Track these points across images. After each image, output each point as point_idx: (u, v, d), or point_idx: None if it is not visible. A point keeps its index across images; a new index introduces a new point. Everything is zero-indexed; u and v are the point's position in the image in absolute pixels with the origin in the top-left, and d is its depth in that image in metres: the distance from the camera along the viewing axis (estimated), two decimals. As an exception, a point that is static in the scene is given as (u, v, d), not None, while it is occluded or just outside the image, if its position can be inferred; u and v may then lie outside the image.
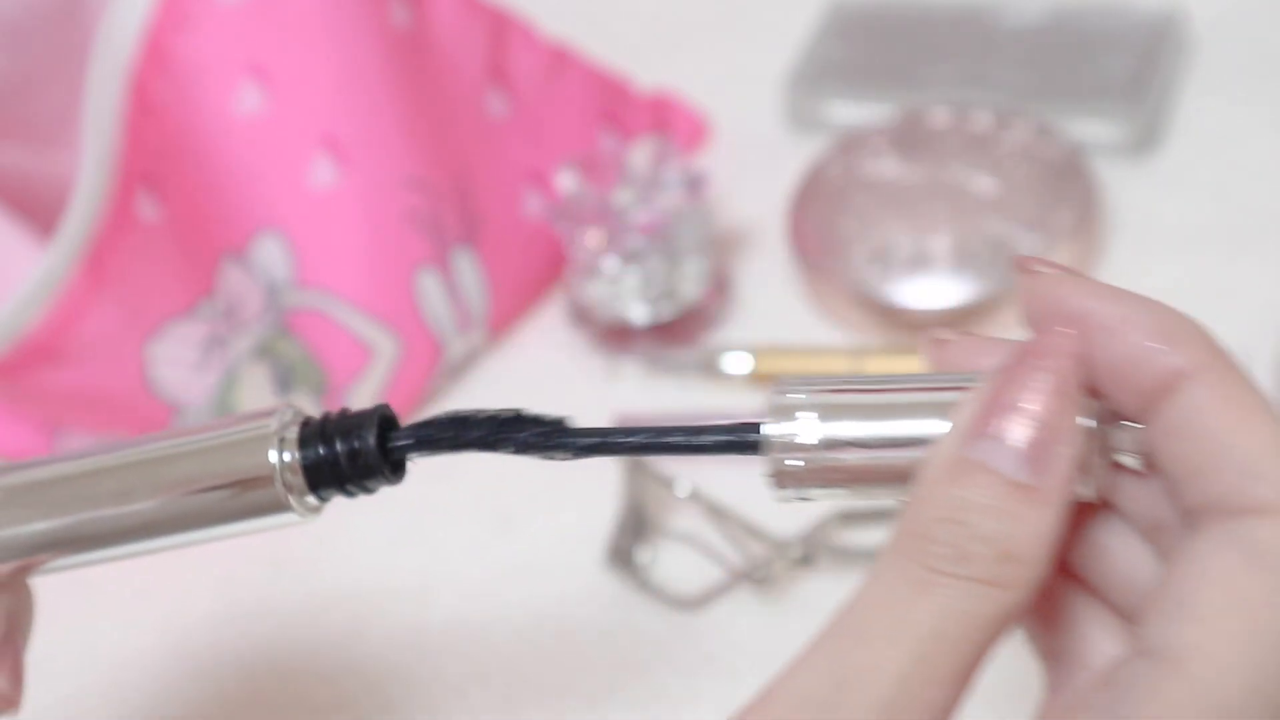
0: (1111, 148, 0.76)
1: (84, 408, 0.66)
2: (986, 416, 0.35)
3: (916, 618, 0.34)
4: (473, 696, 0.61)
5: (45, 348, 0.62)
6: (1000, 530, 0.34)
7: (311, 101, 0.67)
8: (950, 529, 0.34)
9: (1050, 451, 0.35)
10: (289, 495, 0.41)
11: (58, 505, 0.42)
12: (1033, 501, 0.34)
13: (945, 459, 0.35)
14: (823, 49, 0.83)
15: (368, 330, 0.68)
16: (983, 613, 0.34)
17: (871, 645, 0.34)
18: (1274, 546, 0.34)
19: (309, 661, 0.63)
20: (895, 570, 0.35)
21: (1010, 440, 0.35)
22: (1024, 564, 0.34)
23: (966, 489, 0.35)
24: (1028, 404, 0.35)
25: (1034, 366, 0.35)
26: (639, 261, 0.70)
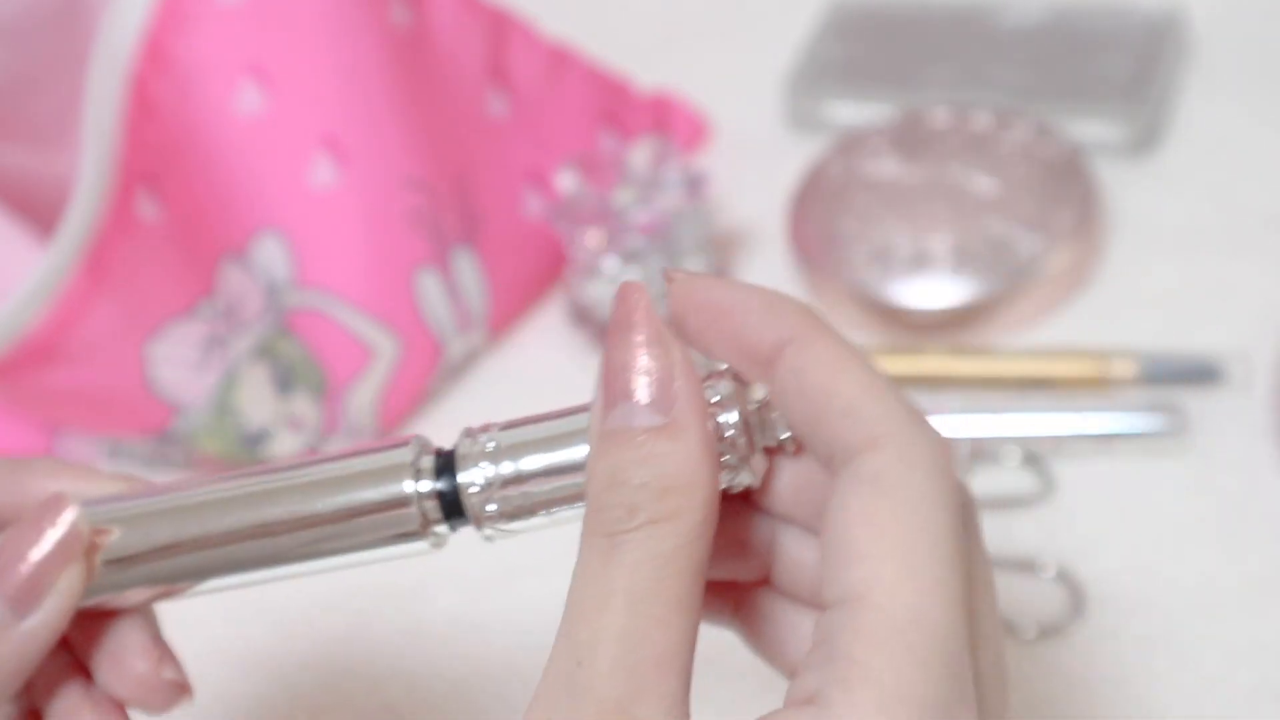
0: (1111, 148, 0.76)
1: (84, 408, 0.66)
2: (609, 387, 0.39)
3: (614, 581, 0.37)
4: (473, 696, 0.61)
5: (45, 348, 0.62)
6: (652, 472, 0.37)
7: (311, 101, 0.67)
8: (615, 492, 0.37)
9: (668, 388, 0.38)
10: (425, 525, 0.42)
11: (191, 534, 0.43)
12: (670, 434, 0.38)
13: (594, 439, 0.39)
14: (823, 49, 0.83)
15: (368, 330, 0.68)
16: (666, 549, 0.37)
17: (588, 619, 0.37)
18: (883, 472, 0.37)
19: (309, 662, 0.63)
20: (586, 546, 0.38)
21: (635, 396, 0.38)
22: (683, 490, 0.37)
23: (614, 454, 0.38)
24: (634, 360, 0.38)
25: (625, 328, 0.39)
26: (639, 261, 0.70)
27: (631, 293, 0.39)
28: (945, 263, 0.70)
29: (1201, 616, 0.58)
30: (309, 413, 0.68)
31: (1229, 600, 0.59)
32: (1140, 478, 0.64)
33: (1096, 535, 0.62)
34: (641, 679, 0.37)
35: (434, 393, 0.73)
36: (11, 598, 0.42)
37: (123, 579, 0.43)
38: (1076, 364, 0.67)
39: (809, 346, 0.38)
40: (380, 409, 0.70)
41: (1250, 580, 0.60)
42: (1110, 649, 0.58)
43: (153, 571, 0.43)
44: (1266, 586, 0.59)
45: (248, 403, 0.67)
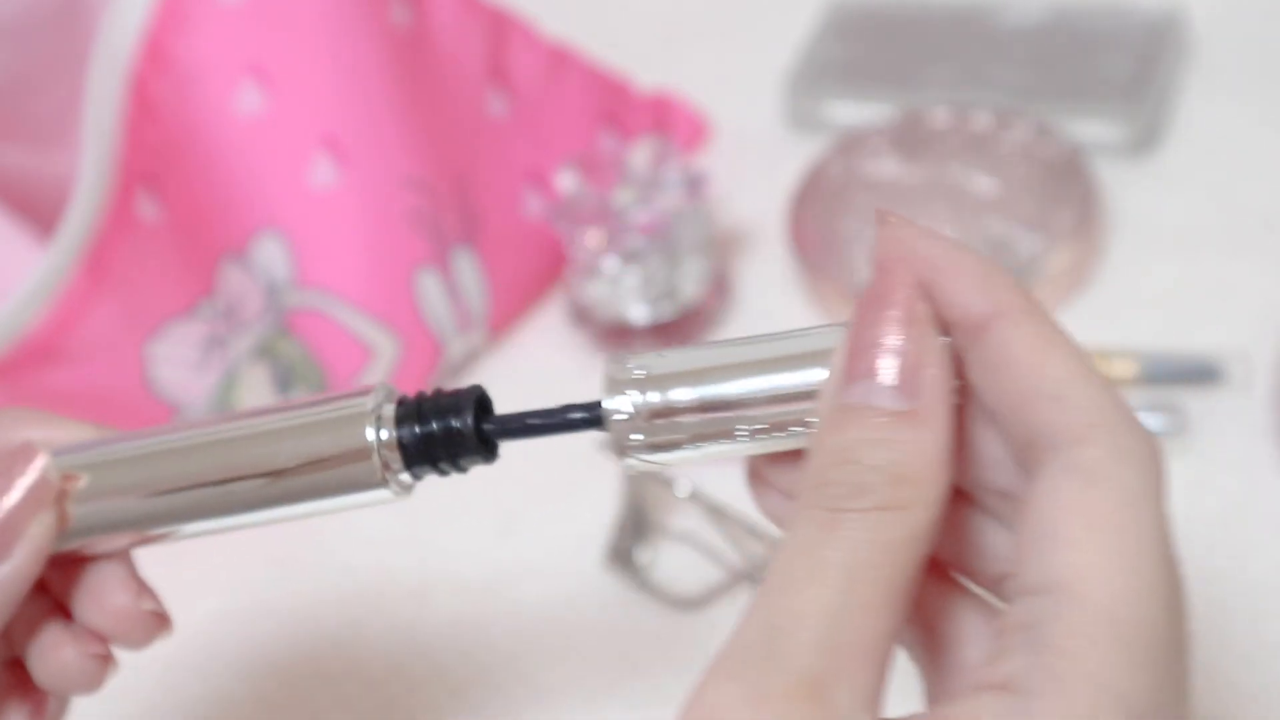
0: (1111, 148, 0.76)
1: (84, 408, 0.66)
2: (854, 361, 0.37)
3: (830, 555, 0.36)
4: (473, 696, 0.61)
5: (45, 348, 0.62)
6: (888, 457, 0.36)
7: (311, 101, 0.67)
8: (844, 469, 0.36)
9: (918, 375, 0.37)
10: (385, 472, 0.42)
11: (158, 479, 0.43)
12: (912, 423, 0.36)
13: (827, 411, 0.37)
14: (823, 49, 0.83)
15: (368, 330, 0.68)
16: (891, 537, 0.36)
17: (795, 590, 0.36)
18: (1097, 464, 0.36)
19: (309, 661, 0.63)
20: (804, 518, 0.36)
21: (879, 376, 0.37)
22: (918, 483, 0.36)
23: (851, 431, 0.37)
24: (886, 339, 0.37)
25: (882, 304, 0.38)
26: (639, 261, 0.70)
27: (894, 265, 0.38)
28: (945, 263, 0.70)
29: (1201, 617, 0.58)
30: (309, 413, 0.68)
31: (1229, 600, 0.59)
32: (1140, 478, 0.64)
33: (1096, 535, 0.62)
34: (843, 661, 0.35)
35: (434, 393, 0.73)
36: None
37: (93, 525, 0.44)
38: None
39: (1021, 323, 0.37)
40: (380, 409, 0.70)
41: (1250, 580, 0.60)
42: (1110, 649, 0.58)
43: (122, 517, 0.44)
44: (1267, 586, 0.59)
45: (248, 403, 0.67)
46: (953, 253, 0.38)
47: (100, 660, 0.45)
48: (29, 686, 0.46)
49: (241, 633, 0.64)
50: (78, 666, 0.45)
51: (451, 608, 0.64)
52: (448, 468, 0.42)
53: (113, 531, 0.44)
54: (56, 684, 0.45)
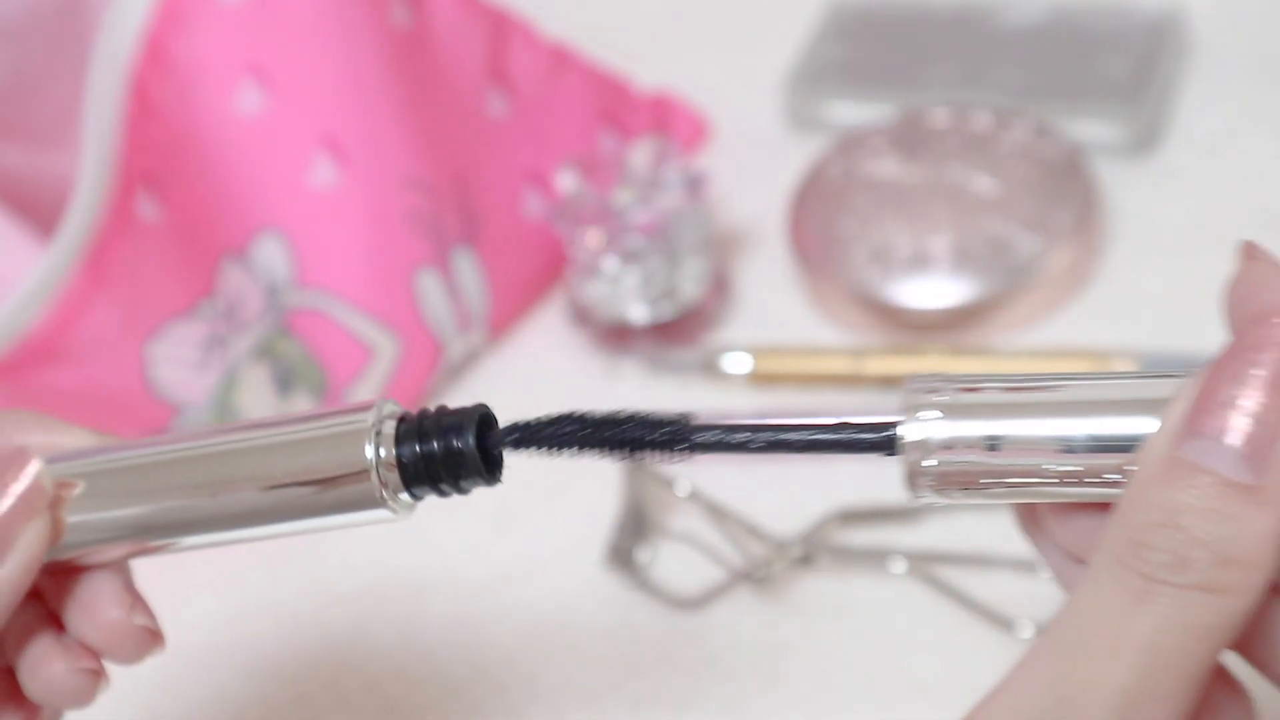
0: (1111, 148, 0.76)
1: (84, 408, 0.66)
2: (1200, 414, 0.34)
3: (1137, 629, 0.33)
4: (473, 696, 0.61)
5: (45, 348, 0.62)
6: (1220, 534, 0.33)
7: (311, 101, 0.67)
8: (1167, 534, 0.33)
9: (1271, 449, 0.33)
10: (384, 492, 0.41)
11: (154, 490, 0.43)
12: (1253, 501, 0.33)
13: (1157, 460, 0.34)
14: (823, 49, 0.83)
15: (368, 330, 0.68)
16: (1204, 622, 0.33)
17: (1092, 658, 0.33)
18: None
19: (309, 661, 0.63)
20: (1112, 579, 0.34)
21: (1227, 439, 0.33)
22: (1246, 568, 0.33)
23: (1182, 491, 0.33)
24: (1244, 399, 0.34)
25: (1249, 360, 0.34)
26: (639, 261, 0.70)
27: (1274, 322, 0.34)
28: (945, 263, 0.70)
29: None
30: (309, 413, 0.68)
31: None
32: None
33: (1096, 535, 0.62)
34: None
35: (434, 393, 0.73)
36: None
37: (88, 534, 0.43)
38: (1076, 364, 0.67)
39: None
40: (380, 409, 0.70)
41: None
42: (1110, 649, 0.58)
43: (117, 527, 0.43)
44: (1266, 586, 0.59)
45: (248, 403, 0.67)
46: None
47: (90, 675, 0.44)
48: (23, 696, 0.45)
49: (241, 632, 0.64)
50: (67, 681, 0.44)
51: (451, 607, 0.64)
52: (448, 489, 0.41)
53: (107, 541, 0.43)
54: (45, 697, 0.44)
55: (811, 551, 0.62)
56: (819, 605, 0.62)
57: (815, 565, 0.62)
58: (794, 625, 0.61)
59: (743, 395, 0.70)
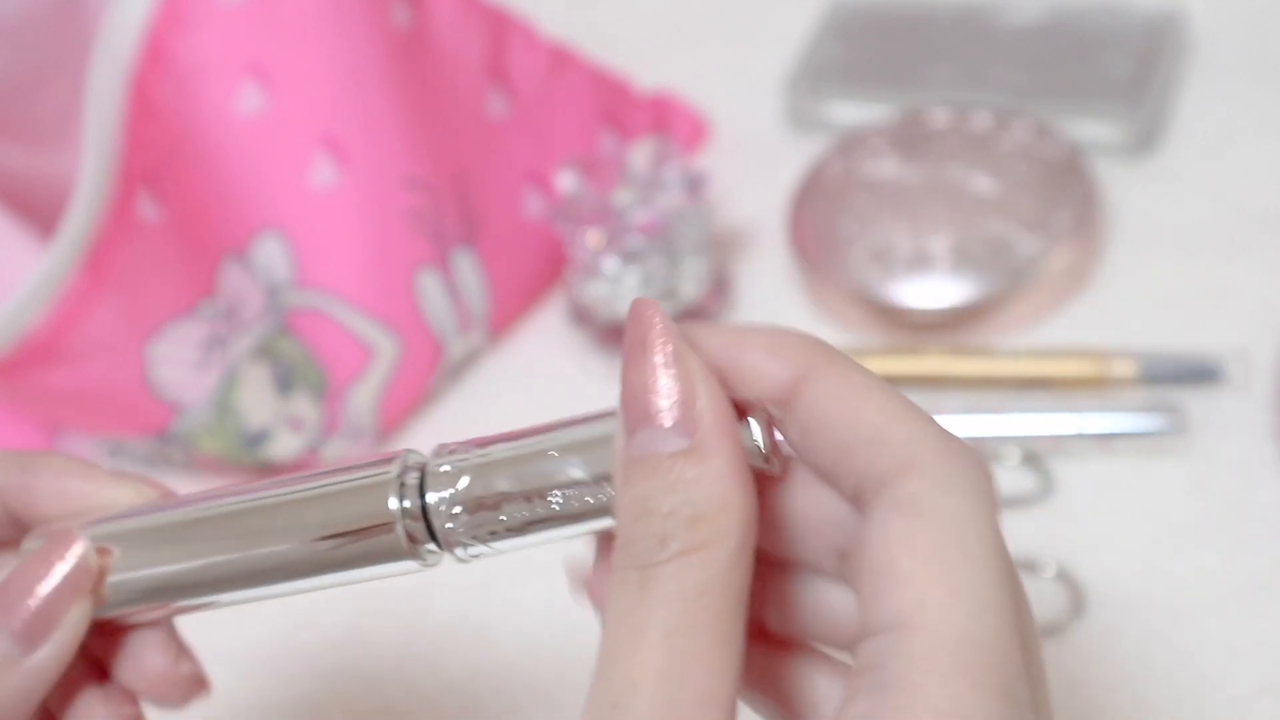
0: (1111, 148, 0.76)
1: (84, 408, 0.66)
2: (628, 412, 0.37)
3: (649, 616, 0.35)
4: (473, 696, 0.61)
5: (45, 348, 0.62)
6: (680, 499, 0.35)
7: (311, 101, 0.67)
8: (643, 523, 0.36)
9: (689, 410, 0.36)
10: (410, 543, 0.41)
11: (184, 550, 0.43)
12: (695, 459, 0.36)
13: (619, 468, 0.37)
14: (823, 49, 0.83)
15: (368, 330, 0.68)
16: (702, 579, 0.35)
17: (624, 658, 0.35)
18: (920, 494, 0.35)
19: (309, 661, 0.63)
20: (619, 583, 0.36)
21: (655, 421, 0.36)
22: (715, 516, 0.35)
23: (640, 482, 0.36)
24: (651, 382, 0.37)
25: (642, 349, 0.37)
26: (639, 261, 0.70)
27: (645, 310, 0.37)
28: (945, 263, 0.70)
29: (1201, 616, 0.58)
30: (309, 413, 0.68)
31: (1229, 600, 0.59)
32: (1140, 478, 0.64)
33: (1096, 535, 0.62)
34: (687, 716, 0.34)
35: (434, 393, 0.73)
36: (19, 632, 0.42)
37: (123, 599, 0.43)
38: (1076, 364, 0.67)
39: (824, 379, 0.37)
40: (380, 409, 0.70)
41: (1250, 580, 0.60)
42: (1110, 649, 0.58)
43: (151, 589, 0.43)
44: (1266, 586, 0.59)
45: (248, 403, 0.67)
46: (735, 337, 0.38)
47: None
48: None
49: (240, 633, 0.64)
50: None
51: (451, 607, 0.64)
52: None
53: (141, 604, 0.44)
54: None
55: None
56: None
57: (815, 565, 0.62)
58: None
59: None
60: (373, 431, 0.70)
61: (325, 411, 0.68)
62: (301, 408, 0.68)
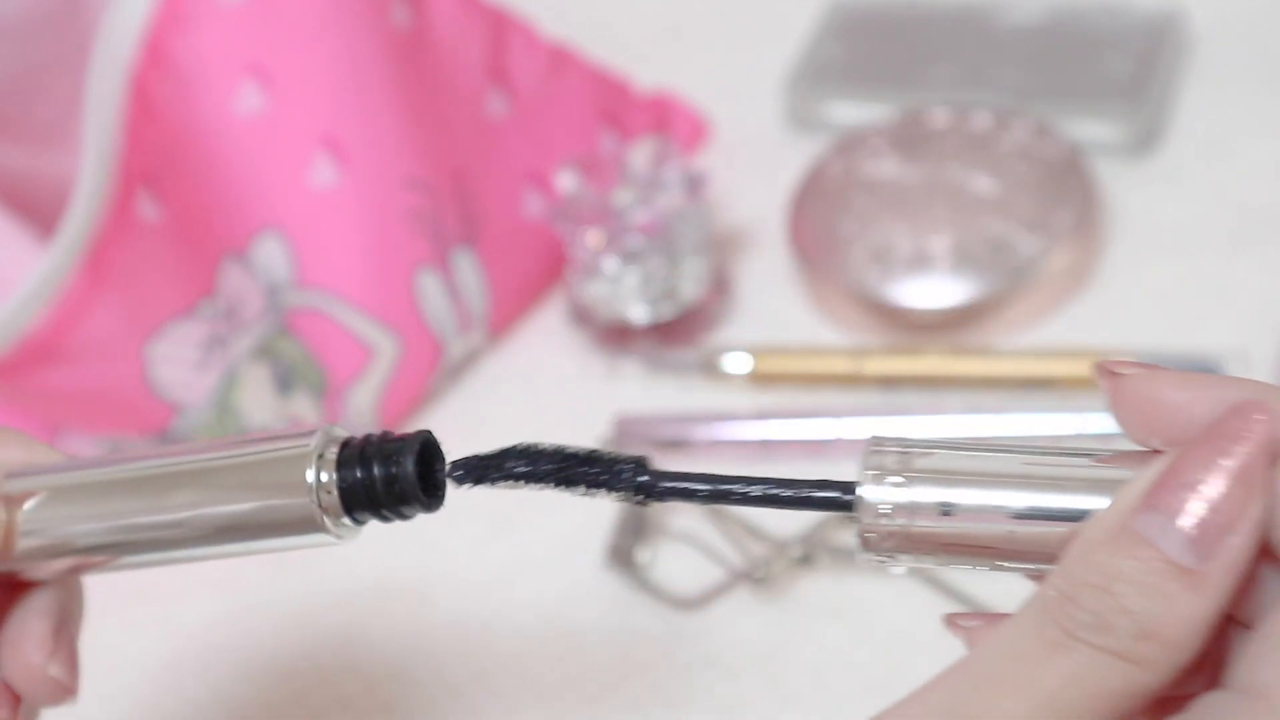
0: (1111, 148, 0.76)
1: (84, 408, 0.66)
2: (1161, 490, 0.34)
3: (1044, 676, 0.34)
4: (473, 696, 0.61)
5: (45, 348, 0.62)
6: (1148, 607, 0.33)
7: (311, 101, 0.67)
8: (1097, 596, 0.34)
9: (1221, 540, 0.34)
10: (324, 516, 0.41)
11: (104, 509, 0.43)
12: (1188, 585, 0.33)
13: (1108, 525, 0.34)
14: (823, 49, 0.83)
15: (368, 330, 0.68)
16: (1111, 686, 0.34)
17: (993, 694, 0.34)
18: None
19: (309, 661, 0.63)
20: (1032, 625, 0.34)
21: (1179, 520, 0.34)
22: (1164, 646, 0.33)
23: (1123, 559, 0.34)
24: (1206, 485, 0.34)
25: (1220, 449, 0.34)
26: (639, 261, 0.70)
27: (1255, 414, 0.34)
28: (945, 263, 0.70)
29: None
30: (309, 413, 0.68)
31: (1229, 600, 0.59)
32: (1140, 478, 0.64)
33: (1096, 535, 0.62)
34: None
35: (434, 392, 0.73)
36: None
37: (35, 546, 0.44)
38: (1076, 364, 0.67)
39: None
40: (380, 409, 0.70)
41: (1250, 580, 0.59)
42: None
43: (62, 543, 0.43)
44: (1266, 586, 0.59)
45: (248, 403, 0.67)
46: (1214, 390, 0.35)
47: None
48: None
49: (241, 632, 0.64)
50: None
51: (451, 607, 0.64)
52: (390, 515, 0.41)
53: (52, 556, 0.44)
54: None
55: (811, 551, 0.62)
56: (819, 605, 0.62)
57: (815, 565, 0.62)
58: (794, 625, 0.61)
59: (743, 395, 0.70)
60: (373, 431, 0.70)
61: (325, 411, 0.68)
62: (301, 408, 0.68)
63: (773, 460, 0.67)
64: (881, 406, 0.68)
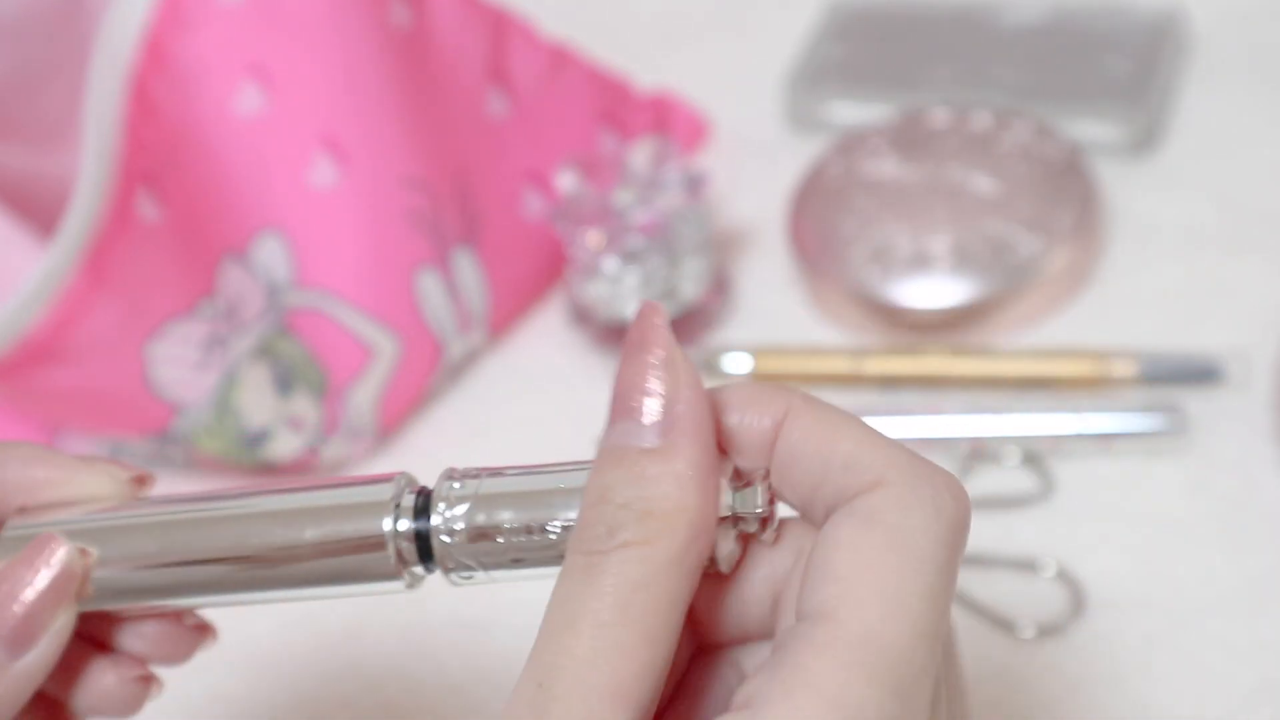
0: (1111, 148, 0.76)
1: (84, 408, 0.66)
2: (616, 405, 0.38)
3: (585, 602, 0.36)
4: (473, 696, 0.61)
5: (45, 348, 0.62)
6: (636, 493, 0.36)
7: (311, 101, 0.67)
8: (599, 510, 0.37)
9: (668, 415, 0.37)
10: (399, 565, 0.41)
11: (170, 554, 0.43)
12: (660, 457, 0.36)
13: (595, 459, 0.37)
14: (823, 49, 0.83)
15: (368, 330, 0.68)
16: (638, 574, 0.36)
17: (555, 639, 0.36)
18: (878, 508, 0.36)
19: (309, 661, 0.63)
20: (567, 565, 0.37)
21: (636, 417, 0.37)
22: (664, 515, 0.36)
23: (606, 472, 0.37)
24: (646, 381, 0.38)
25: (642, 349, 0.38)
26: (639, 261, 0.70)
27: (650, 313, 0.39)
28: (945, 263, 0.70)
29: (1201, 616, 0.58)
30: (309, 413, 0.68)
31: (1229, 600, 0.59)
32: (1140, 478, 0.64)
33: (1096, 535, 0.62)
34: (592, 708, 0.35)
35: (434, 393, 0.73)
36: (6, 639, 0.42)
37: (106, 599, 0.43)
38: (1076, 364, 0.67)
39: (799, 417, 0.38)
40: (380, 409, 0.70)
41: (1250, 580, 0.60)
42: (1110, 649, 0.58)
43: (134, 589, 0.43)
44: (1266, 586, 0.59)
45: (248, 403, 0.67)
46: (716, 396, 0.39)
47: (143, 682, 0.45)
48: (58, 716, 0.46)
49: (241, 632, 0.64)
50: (120, 691, 0.44)
51: (451, 607, 0.64)
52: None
53: (125, 602, 0.44)
54: (98, 709, 0.45)
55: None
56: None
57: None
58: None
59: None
60: (373, 432, 0.70)
61: (325, 411, 0.68)
62: (301, 408, 0.68)
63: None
64: (881, 406, 0.68)
